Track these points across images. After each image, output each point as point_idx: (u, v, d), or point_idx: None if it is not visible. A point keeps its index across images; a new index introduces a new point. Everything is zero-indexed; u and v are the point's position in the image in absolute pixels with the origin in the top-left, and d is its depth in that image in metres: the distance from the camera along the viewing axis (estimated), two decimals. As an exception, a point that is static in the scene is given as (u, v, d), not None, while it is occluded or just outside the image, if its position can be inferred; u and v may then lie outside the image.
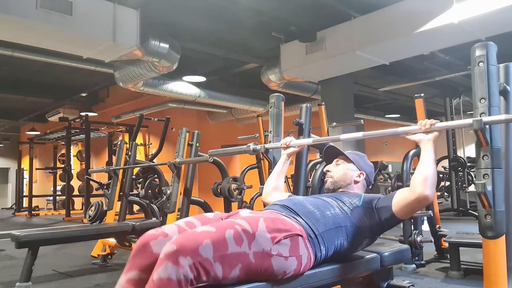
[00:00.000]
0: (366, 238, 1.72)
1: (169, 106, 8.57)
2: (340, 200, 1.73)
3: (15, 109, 11.20)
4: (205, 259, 1.26)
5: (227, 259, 1.31)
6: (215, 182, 3.86)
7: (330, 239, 1.60)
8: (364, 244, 1.75)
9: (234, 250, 1.33)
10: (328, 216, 1.63)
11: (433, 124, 1.65)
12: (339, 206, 1.70)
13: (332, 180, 1.91)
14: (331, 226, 1.61)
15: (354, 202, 1.71)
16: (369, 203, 1.70)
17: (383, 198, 1.70)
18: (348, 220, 1.66)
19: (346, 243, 1.64)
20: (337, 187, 1.89)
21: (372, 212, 1.68)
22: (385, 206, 1.66)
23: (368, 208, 1.69)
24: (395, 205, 1.63)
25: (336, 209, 1.68)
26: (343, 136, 1.93)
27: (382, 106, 10.77)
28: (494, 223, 1.61)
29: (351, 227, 1.65)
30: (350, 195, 1.79)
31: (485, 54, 1.72)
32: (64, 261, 4.31)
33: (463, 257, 3.31)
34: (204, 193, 7.81)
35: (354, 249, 1.73)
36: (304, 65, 5.49)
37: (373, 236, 1.74)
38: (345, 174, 1.91)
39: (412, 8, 4.39)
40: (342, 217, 1.66)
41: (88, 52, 4.76)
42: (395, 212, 1.63)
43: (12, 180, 15.64)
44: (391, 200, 1.65)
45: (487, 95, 1.69)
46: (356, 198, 1.74)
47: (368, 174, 1.95)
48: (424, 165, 1.59)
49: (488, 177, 1.63)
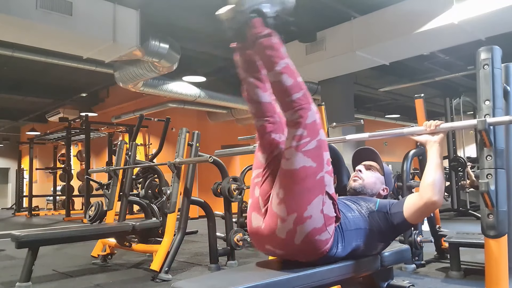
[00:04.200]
0: (381, 242, 1.75)
1: (169, 106, 8.58)
2: (358, 204, 1.76)
3: (15, 109, 11.20)
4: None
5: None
6: (215, 182, 3.86)
7: (349, 240, 1.62)
8: (379, 249, 1.77)
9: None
10: (349, 217, 1.66)
11: (438, 125, 1.66)
12: (357, 209, 1.72)
13: (362, 183, 1.91)
14: (352, 227, 1.63)
15: (371, 207, 1.74)
16: (384, 208, 1.73)
17: (395, 204, 1.73)
18: (366, 223, 1.68)
19: (363, 245, 1.66)
20: (363, 192, 1.90)
21: (387, 217, 1.70)
22: (397, 212, 1.68)
23: (383, 213, 1.71)
24: (406, 211, 1.66)
25: (356, 212, 1.70)
26: (349, 136, 1.94)
27: (382, 106, 10.77)
28: (496, 223, 1.63)
29: (369, 230, 1.67)
30: (367, 199, 1.81)
31: (490, 57, 1.76)
32: (64, 261, 4.31)
33: (463, 257, 3.30)
34: (204, 193, 7.80)
35: (369, 252, 1.75)
36: (304, 65, 5.49)
37: (387, 240, 1.77)
38: (375, 184, 1.92)
39: (412, 8, 4.39)
40: (361, 220, 1.68)
41: (88, 52, 4.76)
42: (407, 218, 1.66)
43: (12, 180, 15.65)
44: (403, 205, 1.68)
45: (492, 97, 1.72)
46: (372, 203, 1.77)
47: (389, 192, 1.98)
48: (431, 170, 1.62)
49: (492, 177, 1.65)
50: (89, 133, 9.18)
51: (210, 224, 3.76)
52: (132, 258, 4.27)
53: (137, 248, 3.84)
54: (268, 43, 1.48)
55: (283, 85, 1.47)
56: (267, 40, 1.48)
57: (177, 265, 3.78)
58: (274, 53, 1.48)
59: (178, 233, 3.50)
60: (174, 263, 3.51)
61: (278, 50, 1.49)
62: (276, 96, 1.56)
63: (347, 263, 1.67)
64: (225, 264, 3.72)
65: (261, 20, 1.48)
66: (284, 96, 1.49)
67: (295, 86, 1.48)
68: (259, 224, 1.56)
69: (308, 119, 1.48)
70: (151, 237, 3.88)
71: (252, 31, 1.48)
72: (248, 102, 1.66)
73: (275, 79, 1.49)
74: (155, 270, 3.23)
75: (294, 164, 1.46)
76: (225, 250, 3.72)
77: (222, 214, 3.96)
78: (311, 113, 1.49)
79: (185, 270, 3.64)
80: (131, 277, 3.50)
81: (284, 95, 1.49)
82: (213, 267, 3.59)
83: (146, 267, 3.73)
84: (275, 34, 1.49)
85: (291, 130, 1.50)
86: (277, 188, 1.50)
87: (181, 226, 3.52)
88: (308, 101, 1.50)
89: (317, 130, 1.50)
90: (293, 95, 1.47)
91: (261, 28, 1.47)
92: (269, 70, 1.51)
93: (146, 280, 3.30)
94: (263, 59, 1.53)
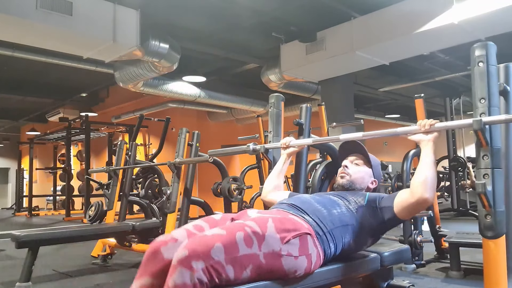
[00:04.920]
0: (370, 237, 1.73)
1: (169, 106, 8.58)
2: (345, 199, 1.74)
3: (15, 109, 11.19)
4: (217, 262, 1.27)
5: (238, 261, 1.32)
6: (215, 182, 3.87)
7: (338, 237, 1.61)
8: (369, 243, 1.76)
9: (245, 251, 1.34)
10: (334, 214, 1.65)
11: (432, 124, 1.65)
12: (345, 204, 1.71)
13: (350, 179, 1.89)
14: (338, 224, 1.62)
15: (359, 201, 1.73)
16: (373, 202, 1.72)
17: (386, 198, 1.71)
18: (354, 218, 1.67)
19: (352, 241, 1.66)
20: (352, 187, 1.88)
21: (376, 211, 1.69)
22: (387, 206, 1.67)
23: (372, 207, 1.70)
24: (396, 206, 1.65)
25: (343, 208, 1.69)
26: (343, 136, 1.93)
27: (382, 106, 10.77)
28: (494, 223, 1.62)
29: (356, 225, 1.66)
30: (356, 193, 1.80)
31: (485, 54, 1.72)
32: (64, 261, 4.31)
33: (463, 257, 3.31)
34: (204, 193, 7.81)
35: (359, 247, 1.75)
36: (304, 65, 5.49)
37: (376, 235, 1.75)
38: (363, 178, 1.90)
39: (412, 8, 4.39)
40: (348, 215, 1.67)
41: (88, 52, 4.76)
42: (397, 213, 1.65)
43: (12, 180, 15.64)
44: (393, 200, 1.67)
45: (487, 95, 1.69)
46: (361, 197, 1.75)
47: (378, 184, 1.97)
48: (424, 167, 1.60)
49: (488, 177, 1.63)
50: (89, 133, 9.18)
51: (210, 224, 3.75)
52: (132, 258, 4.27)
53: (137, 248, 3.84)
54: None
55: None
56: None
57: (177, 265, 3.77)
58: None
59: (178, 233, 3.49)
60: (174, 263, 3.50)
61: None
62: None
63: (347, 263, 1.67)
64: (225, 264, 3.72)
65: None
66: None
67: None
68: None
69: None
70: (151, 237, 3.88)
71: None
72: None
73: None
74: (155, 270, 3.23)
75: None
76: (225, 250, 3.72)
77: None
78: None
79: (185, 270, 3.63)
80: (131, 277, 3.48)
81: None
82: (213, 267, 3.58)
83: (146, 267, 3.73)
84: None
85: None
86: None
87: (181, 226, 3.52)
88: None
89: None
90: None
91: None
92: None
93: (146, 280, 3.29)
94: None
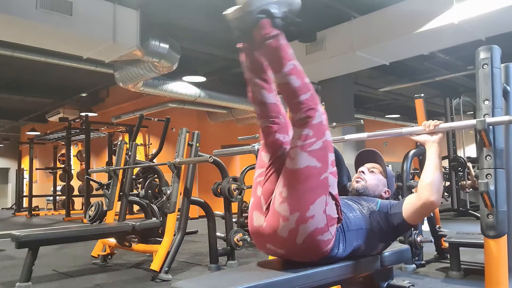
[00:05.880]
0: (381, 243, 1.75)
1: (169, 106, 8.57)
2: (359, 203, 1.76)
3: (15, 109, 11.19)
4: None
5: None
6: (215, 182, 3.87)
7: (350, 240, 1.62)
8: (380, 249, 1.77)
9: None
10: (351, 217, 1.66)
11: (437, 125, 1.66)
12: (359, 208, 1.73)
13: (365, 185, 1.91)
14: (353, 227, 1.63)
15: (372, 207, 1.74)
16: (384, 208, 1.73)
17: (395, 204, 1.73)
18: (367, 222, 1.68)
19: (363, 245, 1.66)
20: (365, 193, 1.89)
21: (387, 217, 1.71)
22: (397, 212, 1.69)
23: (384, 213, 1.72)
24: (405, 211, 1.67)
25: (357, 212, 1.70)
26: (348, 136, 1.94)
27: (382, 106, 10.77)
28: (496, 223, 1.63)
29: (369, 230, 1.68)
30: (369, 199, 1.82)
31: (490, 57, 1.76)
32: (64, 261, 4.31)
33: (463, 257, 3.30)
34: (204, 193, 7.81)
35: (369, 252, 1.75)
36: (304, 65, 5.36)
37: (387, 241, 1.77)
38: (377, 186, 1.92)
39: (412, 8, 4.39)
40: (362, 219, 1.68)
41: (88, 52, 4.76)
42: (406, 218, 1.66)
43: (12, 180, 15.65)
44: (402, 206, 1.68)
45: (491, 97, 1.72)
46: (374, 203, 1.77)
47: (391, 194, 1.99)
48: (429, 170, 1.62)
49: (491, 177, 1.65)
50: (89, 133, 9.18)
51: (210, 224, 3.76)
52: (132, 258, 4.27)
53: (137, 248, 3.84)
54: (276, 45, 1.46)
55: (291, 86, 1.47)
56: (275, 41, 1.46)
57: (177, 265, 3.78)
58: (282, 55, 1.47)
59: (178, 233, 3.50)
60: (174, 263, 3.51)
61: (286, 52, 1.47)
62: (284, 98, 1.55)
63: (347, 263, 1.67)
64: (225, 264, 3.72)
65: (269, 21, 1.46)
66: (292, 97, 1.48)
67: (303, 87, 1.48)
68: (261, 223, 1.55)
69: (315, 120, 1.48)
70: (151, 237, 3.88)
71: (260, 32, 1.46)
72: (253, 103, 1.66)
73: (282, 81, 1.48)
74: (155, 270, 3.23)
75: (299, 163, 1.46)
76: (225, 250, 3.73)
77: (222, 214, 3.96)
78: (318, 114, 1.49)
79: (185, 270, 3.64)
80: (131, 277, 3.50)
81: (292, 97, 1.49)
82: (213, 267, 3.59)
83: (146, 267, 3.73)
84: (282, 35, 1.48)
85: (297, 130, 1.50)
86: (280, 187, 1.50)
87: (181, 226, 3.52)
88: (315, 102, 1.50)
89: (323, 131, 1.50)
90: (300, 96, 1.47)
91: (269, 29, 1.45)
92: (277, 71, 1.50)
93: (146, 280, 3.30)
94: (271, 60, 1.52)
